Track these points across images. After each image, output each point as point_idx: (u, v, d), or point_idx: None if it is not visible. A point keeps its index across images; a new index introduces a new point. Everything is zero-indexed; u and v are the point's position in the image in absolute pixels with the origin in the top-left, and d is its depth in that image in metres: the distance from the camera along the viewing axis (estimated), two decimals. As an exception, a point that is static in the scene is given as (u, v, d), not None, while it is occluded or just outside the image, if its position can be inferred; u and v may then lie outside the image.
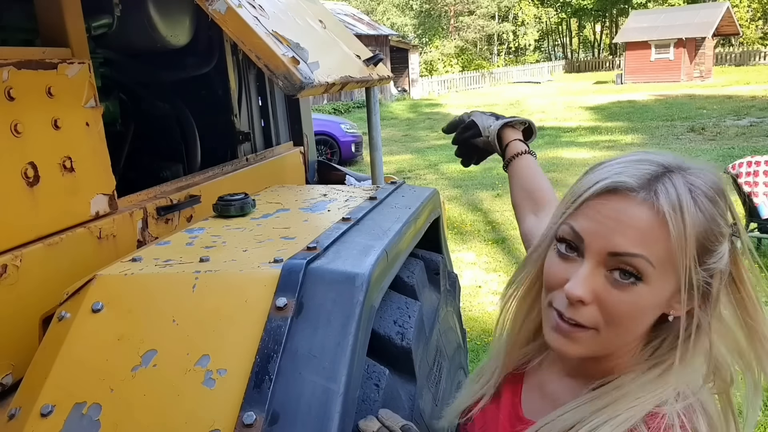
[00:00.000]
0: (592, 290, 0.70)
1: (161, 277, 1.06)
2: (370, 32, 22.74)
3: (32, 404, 0.94)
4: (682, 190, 0.69)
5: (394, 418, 0.96)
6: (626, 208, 0.69)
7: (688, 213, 0.68)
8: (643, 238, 0.68)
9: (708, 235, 0.69)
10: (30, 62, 1.21)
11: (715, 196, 0.70)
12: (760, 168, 4.84)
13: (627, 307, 0.70)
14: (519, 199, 1.19)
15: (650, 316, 0.73)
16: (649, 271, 0.68)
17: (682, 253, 0.68)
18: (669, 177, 0.70)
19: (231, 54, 2.24)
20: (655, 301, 0.71)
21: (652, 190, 0.68)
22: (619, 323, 0.70)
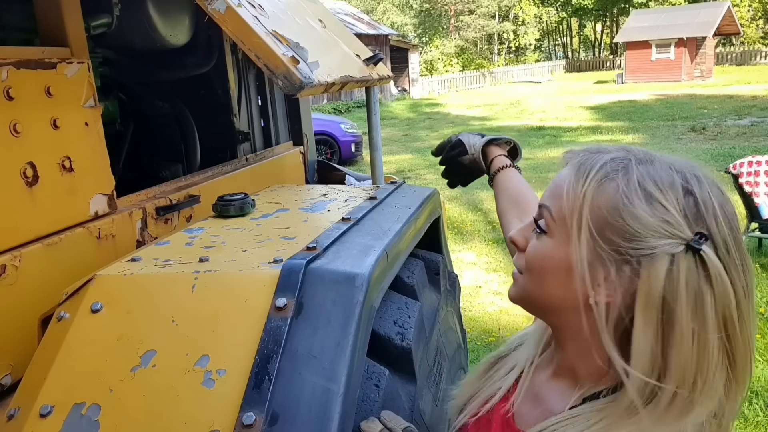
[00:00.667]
0: (524, 236, 0.79)
1: (160, 277, 1.05)
2: (370, 32, 22.74)
3: (31, 404, 0.94)
4: (605, 164, 0.70)
5: (396, 420, 0.96)
6: (562, 171, 0.75)
7: (593, 179, 0.69)
8: (552, 192, 0.75)
9: (613, 210, 0.66)
10: (29, 62, 1.21)
11: (655, 186, 0.66)
12: (761, 168, 4.83)
13: (534, 254, 0.76)
14: (505, 208, 1.20)
15: (560, 277, 0.72)
16: (550, 224, 0.73)
17: (574, 214, 0.70)
18: (614, 157, 0.71)
19: (231, 54, 2.24)
20: (558, 258, 0.72)
21: (582, 155, 0.74)
22: (530, 269, 0.77)
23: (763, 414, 2.92)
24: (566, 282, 0.72)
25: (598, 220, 0.68)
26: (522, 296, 0.80)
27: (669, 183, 0.66)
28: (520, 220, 1.10)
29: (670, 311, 0.64)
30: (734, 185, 4.92)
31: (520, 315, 4.21)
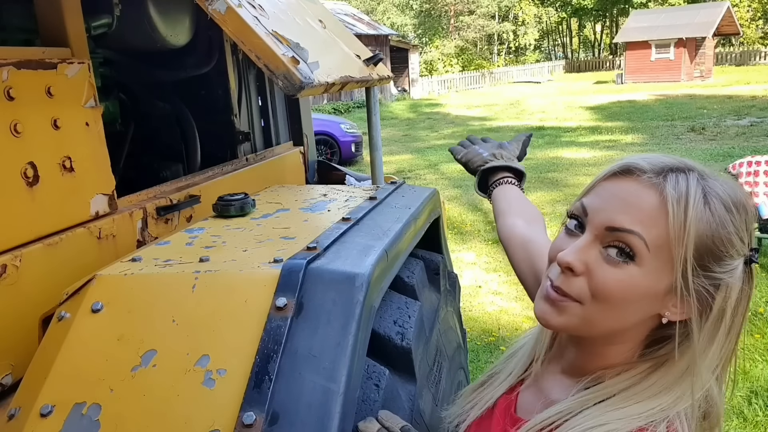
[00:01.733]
0: (583, 261, 0.71)
1: (161, 277, 1.06)
2: (370, 32, 22.73)
3: (32, 404, 0.94)
4: (693, 186, 0.68)
5: (393, 420, 0.96)
6: (633, 188, 0.70)
7: (694, 207, 0.67)
8: (642, 218, 0.68)
9: (715, 238, 0.67)
10: (30, 62, 1.21)
11: (731, 205, 0.69)
12: (761, 168, 4.83)
13: (614, 285, 0.69)
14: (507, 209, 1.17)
15: (641, 305, 0.70)
16: (643, 252, 0.68)
17: (680, 244, 0.67)
18: (685, 173, 0.70)
19: (231, 54, 2.24)
20: (646, 288, 0.69)
21: (662, 176, 0.69)
22: (604, 300, 0.70)
23: (762, 414, 2.92)
24: (645, 307, 0.71)
25: (701, 249, 0.68)
26: (580, 326, 0.73)
27: (740, 201, 0.70)
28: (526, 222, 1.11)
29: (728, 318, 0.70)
30: (734, 185, 4.91)
31: (520, 315, 4.22)
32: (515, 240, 1.09)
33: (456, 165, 9.27)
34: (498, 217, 1.18)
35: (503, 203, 1.20)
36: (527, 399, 0.84)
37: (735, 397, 3.04)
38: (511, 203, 1.19)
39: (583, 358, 0.78)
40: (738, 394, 3.08)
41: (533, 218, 1.14)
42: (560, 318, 0.73)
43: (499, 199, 1.22)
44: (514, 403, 0.85)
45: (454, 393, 1.54)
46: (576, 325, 0.73)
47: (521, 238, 1.08)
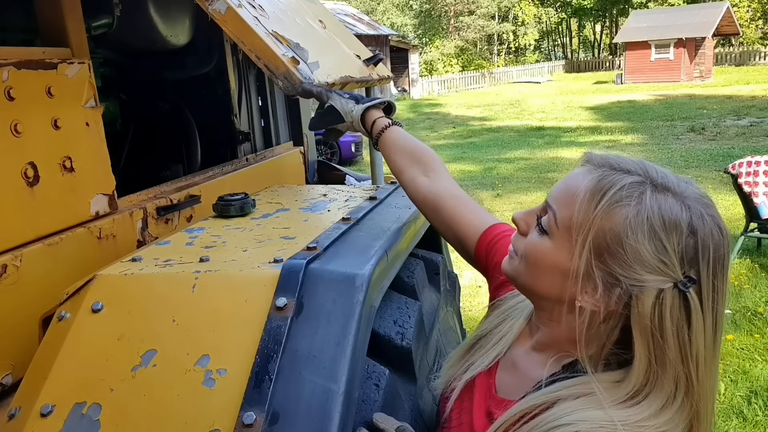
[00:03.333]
0: (527, 222, 0.81)
1: (161, 277, 1.06)
2: (370, 32, 22.73)
3: (32, 404, 0.94)
4: (621, 188, 0.71)
5: (388, 421, 0.97)
6: (577, 174, 0.77)
7: (608, 204, 0.70)
8: (562, 197, 0.76)
9: (615, 238, 0.70)
10: (30, 62, 1.21)
11: (661, 223, 0.68)
12: (760, 168, 4.84)
13: (533, 248, 0.79)
14: (402, 164, 1.17)
15: (552, 276, 0.76)
16: (552, 227, 0.76)
17: (580, 233, 0.72)
18: (628, 176, 0.72)
19: (231, 54, 2.24)
20: (553, 261, 0.75)
21: (602, 170, 0.74)
22: (526, 260, 0.80)
23: (762, 414, 2.92)
24: (557, 281, 0.76)
25: (601, 243, 0.71)
26: (514, 277, 0.84)
27: (675, 222, 0.69)
28: (426, 176, 1.13)
29: (658, 339, 0.69)
30: (733, 185, 4.92)
31: (520, 315, 4.22)
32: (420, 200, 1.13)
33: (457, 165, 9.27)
34: (399, 175, 1.18)
35: (397, 157, 1.18)
36: (506, 379, 0.87)
37: (735, 397, 3.05)
38: (406, 154, 1.17)
39: (542, 335, 0.84)
40: (738, 393, 3.08)
41: (430, 166, 1.15)
42: (508, 265, 0.85)
43: (390, 152, 1.20)
44: (493, 385, 0.88)
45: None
46: (513, 275, 0.84)
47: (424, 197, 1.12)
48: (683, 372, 0.69)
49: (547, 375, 0.78)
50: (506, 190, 8.17)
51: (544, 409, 0.74)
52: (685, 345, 0.69)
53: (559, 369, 0.79)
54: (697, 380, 0.70)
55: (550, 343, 0.82)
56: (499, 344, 0.92)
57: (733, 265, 4.76)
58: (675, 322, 0.69)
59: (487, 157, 11.07)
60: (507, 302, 0.97)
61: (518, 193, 7.99)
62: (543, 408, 0.74)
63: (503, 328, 0.93)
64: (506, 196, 7.74)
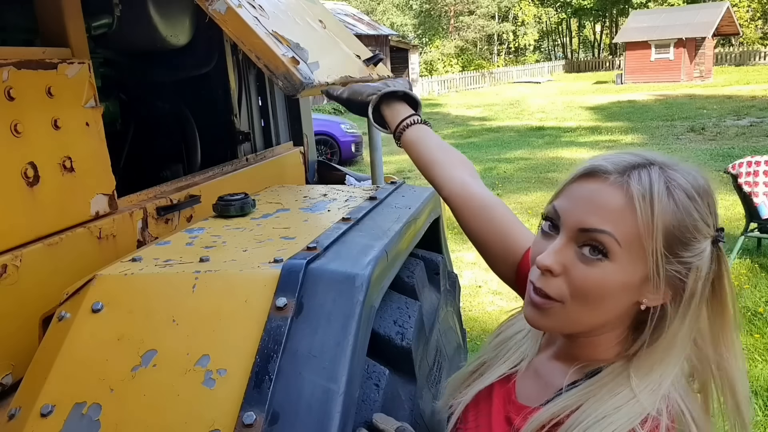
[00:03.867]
0: (560, 262, 0.74)
1: (161, 277, 1.06)
2: (370, 32, 22.73)
3: (32, 404, 0.94)
4: (656, 180, 0.72)
5: (388, 422, 0.97)
6: (599, 189, 0.74)
7: (658, 200, 0.71)
8: (610, 217, 0.72)
9: (681, 227, 0.71)
10: (30, 62, 1.21)
11: (694, 193, 0.72)
12: (760, 168, 4.83)
13: (592, 282, 0.73)
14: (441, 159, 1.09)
15: (619, 298, 0.74)
16: (615, 248, 0.72)
17: (649, 238, 0.71)
18: (648, 168, 0.73)
19: (231, 54, 2.24)
20: (622, 282, 0.73)
21: (626, 175, 0.73)
22: (584, 298, 0.74)
23: (762, 414, 2.92)
24: (623, 299, 0.75)
25: (669, 239, 0.72)
26: (565, 325, 0.77)
27: (702, 187, 0.74)
28: (475, 179, 1.07)
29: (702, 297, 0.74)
30: (733, 185, 4.92)
31: (520, 315, 4.22)
32: (473, 203, 1.03)
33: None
34: (431, 167, 1.10)
35: (431, 151, 1.11)
36: (527, 385, 0.86)
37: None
38: (443, 151, 1.11)
39: (573, 348, 0.82)
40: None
41: (471, 169, 1.10)
42: (546, 320, 0.77)
43: (421, 145, 1.12)
44: (513, 391, 0.86)
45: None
46: (562, 325, 0.77)
47: (480, 200, 1.03)
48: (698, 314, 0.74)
49: (567, 383, 0.78)
50: (506, 190, 8.17)
51: (572, 411, 0.74)
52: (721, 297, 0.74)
53: (582, 377, 0.78)
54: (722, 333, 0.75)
55: (578, 355, 0.81)
56: (518, 352, 0.90)
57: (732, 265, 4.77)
58: (713, 275, 0.73)
59: (487, 157, 11.06)
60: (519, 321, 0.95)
61: (518, 193, 7.99)
62: (570, 410, 0.74)
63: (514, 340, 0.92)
64: (506, 196, 7.74)
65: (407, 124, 1.15)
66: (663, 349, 0.74)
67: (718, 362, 0.76)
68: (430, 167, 1.10)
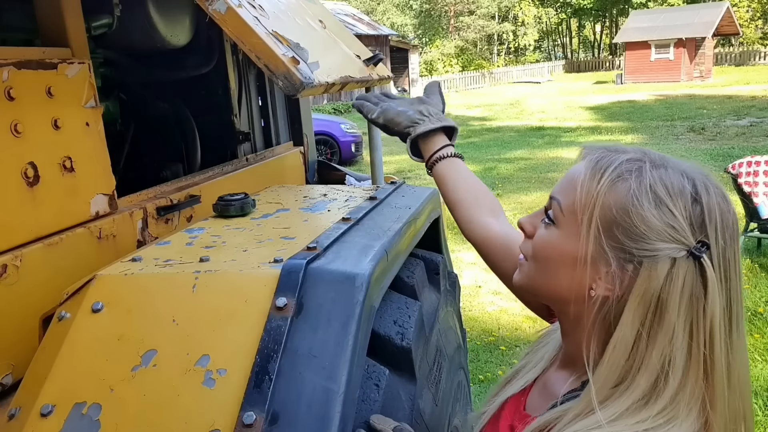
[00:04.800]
0: (532, 223, 0.81)
1: (161, 277, 1.06)
2: (370, 32, 22.73)
3: (32, 404, 0.94)
4: (620, 165, 0.71)
5: (385, 422, 0.97)
6: (577, 165, 0.77)
7: (607, 179, 0.71)
8: (565, 186, 0.76)
9: (623, 212, 0.69)
10: (30, 62, 1.21)
11: (663, 191, 0.68)
12: (760, 168, 4.84)
13: (541, 243, 0.78)
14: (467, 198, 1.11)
15: (566, 269, 0.74)
16: (559, 216, 0.76)
17: (585, 211, 0.72)
18: (624, 155, 0.73)
19: (231, 54, 2.24)
20: (563, 250, 0.74)
21: (600, 152, 0.75)
22: (536, 257, 0.78)
23: (762, 414, 2.92)
24: (569, 273, 0.74)
25: (607, 219, 0.70)
26: (526, 282, 0.82)
27: (679, 189, 0.68)
28: (495, 218, 1.09)
29: (663, 311, 0.67)
30: (733, 185, 4.92)
31: (520, 315, 4.22)
32: (494, 242, 1.06)
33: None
34: (458, 206, 1.12)
35: (457, 191, 1.12)
36: (534, 396, 0.86)
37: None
38: (469, 190, 1.12)
39: (566, 347, 0.82)
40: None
41: (495, 207, 1.11)
42: (518, 275, 0.83)
43: (449, 183, 1.13)
44: (524, 402, 0.87)
45: (453, 393, 1.55)
46: (524, 281, 0.82)
47: (501, 239, 1.05)
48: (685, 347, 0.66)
49: (564, 392, 0.77)
50: (506, 190, 8.17)
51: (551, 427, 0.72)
52: (698, 318, 0.66)
53: (578, 386, 0.76)
54: (711, 354, 0.66)
55: (573, 355, 0.79)
56: (537, 366, 0.90)
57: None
58: (688, 293, 0.66)
59: (487, 157, 11.06)
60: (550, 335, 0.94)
61: (518, 193, 7.99)
62: (550, 426, 0.73)
63: (541, 351, 0.92)
64: (506, 196, 7.74)
65: (438, 158, 1.15)
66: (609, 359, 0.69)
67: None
68: (455, 207, 1.13)
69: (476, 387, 3.35)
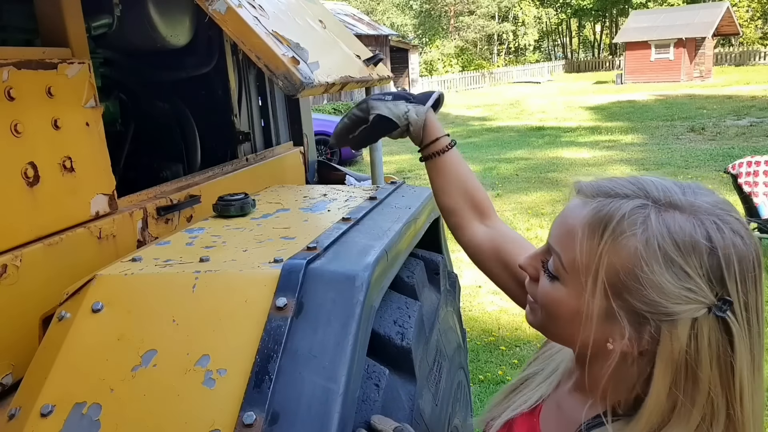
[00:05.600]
0: (533, 266, 0.76)
1: (161, 277, 1.06)
2: (370, 32, 22.73)
3: (32, 404, 0.94)
4: (623, 217, 0.64)
5: (386, 422, 0.96)
6: (573, 208, 0.71)
7: (611, 238, 0.64)
8: (564, 238, 0.70)
9: (632, 275, 0.63)
10: (30, 62, 1.21)
11: (678, 249, 0.62)
12: (760, 168, 4.84)
13: (546, 296, 0.73)
14: (457, 203, 1.08)
15: (577, 324, 0.69)
16: (561, 272, 0.70)
17: (589, 272, 0.66)
18: (629, 201, 0.66)
19: (231, 54, 2.24)
20: (572, 308, 0.69)
21: (597, 200, 0.68)
22: (544, 307, 0.74)
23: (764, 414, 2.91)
24: (579, 327, 0.69)
25: (615, 282, 0.65)
26: (540, 327, 0.78)
27: (691, 243, 0.62)
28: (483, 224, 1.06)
29: (694, 372, 0.63)
30: (733, 185, 4.92)
31: (520, 315, 4.21)
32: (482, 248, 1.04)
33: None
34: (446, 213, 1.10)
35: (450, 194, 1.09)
36: (549, 419, 0.83)
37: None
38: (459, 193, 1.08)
39: (581, 376, 0.77)
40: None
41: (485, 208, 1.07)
42: (531, 317, 0.79)
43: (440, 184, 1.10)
44: (537, 425, 0.83)
45: (453, 393, 1.55)
46: (538, 325, 0.78)
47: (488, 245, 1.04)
48: (723, 401, 0.63)
49: (586, 418, 0.73)
50: (506, 190, 8.17)
51: None
52: (727, 371, 0.62)
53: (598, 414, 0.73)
54: (740, 408, 0.63)
55: (590, 385, 0.75)
56: (543, 384, 0.86)
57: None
58: (715, 349, 0.62)
59: (487, 157, 11.06)
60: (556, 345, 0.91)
61: (518, 193, 7.99)
62: None
63: (548, 368, 0.88)
64: (506, 196, 7.74)
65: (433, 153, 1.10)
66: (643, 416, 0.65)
67: None
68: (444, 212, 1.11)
69: (476, 387, 3.35)
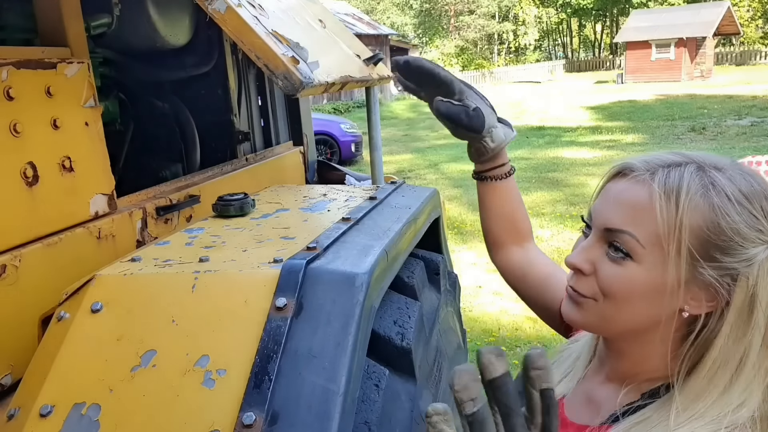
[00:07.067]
0: (589, 260, 0.75)
1: (161, 277, 1.06)
2: (370, 32, 22.73)
3: (31, 404, 0.94)
4: (690, 180, 0.68)
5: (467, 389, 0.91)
6: (626, 188, 0.72)
7: (686, 200, 0.67)
8: (633, 216, 0.70)
9: (716, 229, 0.67)
10: (29, 62, 1.21)
11: (740, 195, 0.67)
12: (761, 168, 4.83)
13: (617, 282, 0.72)
14: (502, 228, 1.10)
15: (652, 301, 0.71)
16: (638, 250, 0.70)
17: (672, 239, 0.68)
18: (685, 167, 0.70)
19: (231, 54, 2.24)
20: (648, 284, 0.70)
21: (653, 173, 0.70)
22: (613, 297, 0.73)
23: (763, 414, 2.91)
24: (656, 302, 0.71)
25: (700, 241, 0.67)
26: (599, 323, 0.76)
27: (751, 190, 0.68)
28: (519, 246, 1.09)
29: (752, 309, 0.67)
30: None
31: (521, 315, 4.21)
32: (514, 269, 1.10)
33: (457, 165, 9.14)
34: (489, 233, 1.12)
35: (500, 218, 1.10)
36: (576, 406, 0.83)
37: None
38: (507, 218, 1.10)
39: (622, 364, 0.78)
40: None
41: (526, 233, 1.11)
42: (579, 315, 0.77)
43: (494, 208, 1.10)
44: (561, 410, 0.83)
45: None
46: (595, 322, 0.76)
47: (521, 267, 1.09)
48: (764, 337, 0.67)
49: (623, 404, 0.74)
50: (506, 189, 8.16)
51: None
52: None
53: (638, 397, 0.74)
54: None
55: (625, 371, 0.77)
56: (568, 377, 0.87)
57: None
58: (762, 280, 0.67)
59: (487, 156, 11.05)
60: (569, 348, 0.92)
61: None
62: None
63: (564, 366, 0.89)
64: (506, 196, 7.72)
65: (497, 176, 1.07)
66: (708, 372, 0.68)
67: None
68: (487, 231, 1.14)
69: (476, 387, 3.34)
